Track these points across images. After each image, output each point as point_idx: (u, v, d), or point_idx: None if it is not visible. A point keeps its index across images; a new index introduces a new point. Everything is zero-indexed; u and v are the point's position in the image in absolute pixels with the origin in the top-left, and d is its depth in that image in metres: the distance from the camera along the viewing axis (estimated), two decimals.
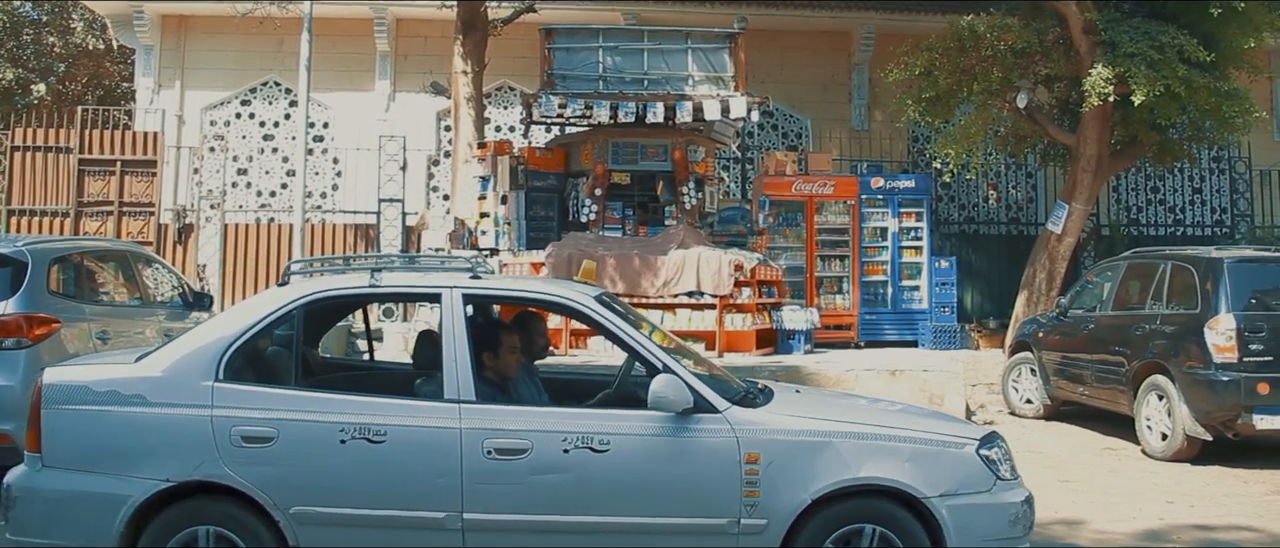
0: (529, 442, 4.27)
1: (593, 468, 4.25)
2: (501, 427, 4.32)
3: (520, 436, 4.28)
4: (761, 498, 4.24)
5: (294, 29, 14.74)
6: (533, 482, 4.26)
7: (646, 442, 4.29)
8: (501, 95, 17.83)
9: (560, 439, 4.26)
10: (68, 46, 22.45)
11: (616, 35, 13.35)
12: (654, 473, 4.27)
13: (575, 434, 4.27)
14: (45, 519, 4.30)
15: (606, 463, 4.25)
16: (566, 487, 4.24)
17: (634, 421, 4.35)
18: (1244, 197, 17.76)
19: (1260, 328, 8.06)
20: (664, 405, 4.26)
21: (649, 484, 4.26)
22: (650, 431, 4.30)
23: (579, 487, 4.25)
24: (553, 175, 13.71)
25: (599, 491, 4.25)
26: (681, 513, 4.27)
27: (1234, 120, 12.22)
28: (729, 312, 11.75)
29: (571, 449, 4.25)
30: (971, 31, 12.65)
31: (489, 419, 4.34)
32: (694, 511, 4.27)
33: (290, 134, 17.26)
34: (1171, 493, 7.34)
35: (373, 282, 4.77)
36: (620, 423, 4.34)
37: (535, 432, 4.30)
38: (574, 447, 4.25)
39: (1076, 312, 10.44)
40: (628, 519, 4.25)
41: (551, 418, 4.44)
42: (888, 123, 17.63)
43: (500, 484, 4.26)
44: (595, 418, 4.41)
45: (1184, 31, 11.47)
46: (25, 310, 6.50)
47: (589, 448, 4.25)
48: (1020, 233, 17.37)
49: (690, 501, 4.27)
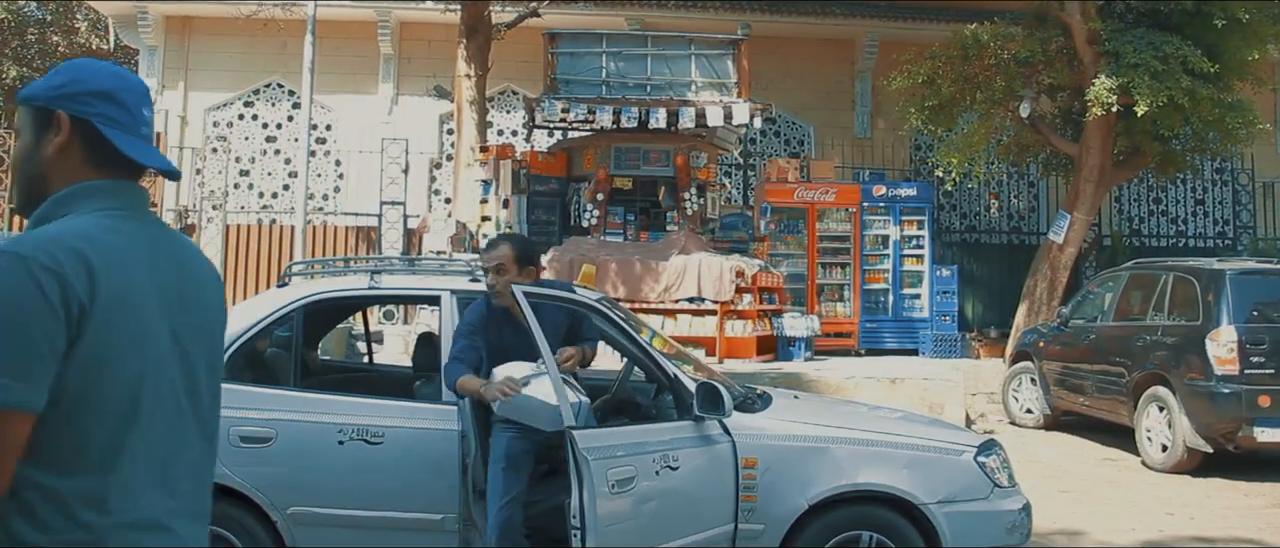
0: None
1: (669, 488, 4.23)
2: None
3: None
4: (759, 503, 4.23)
5: (297, 31, 14.77)
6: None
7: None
8: (504, 99, 17.85)
9: None
10: (72, 46, 22.48)
11: (620, 40, 13.36)
12: (651, 477, 4.26)
13: None
14: None
15: (679, 481, 4.23)
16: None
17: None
18: (1246, 208, 17.74)
19: (1262, 340, 8.05)
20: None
21: (646, 488, 4.24)
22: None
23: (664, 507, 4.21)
24: (555, 180, 13.71)
25: (679, 509, 4.22)
26: (679, 518, 4.25)
27: (1237, 132, 12.22)
28: (730, 318, 11.74)
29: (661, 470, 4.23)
30: (975, 40, 12.65)
31: None
32: (691, 515, 4.25)
33: (293, 136, 17.28)
34: (1172, 505, 7.32)
35: (373, 284, 4.77)
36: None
37: None
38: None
39: (1077, 322, 10.43)
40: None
41: None
42: (890, 131, 17.64)
43: None
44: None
45: (1188, 42, 11.47)
46: None
47: (668, 467, 4.23)
48: (1022, 242, 17.36)
49: (688, 506, 4.26)
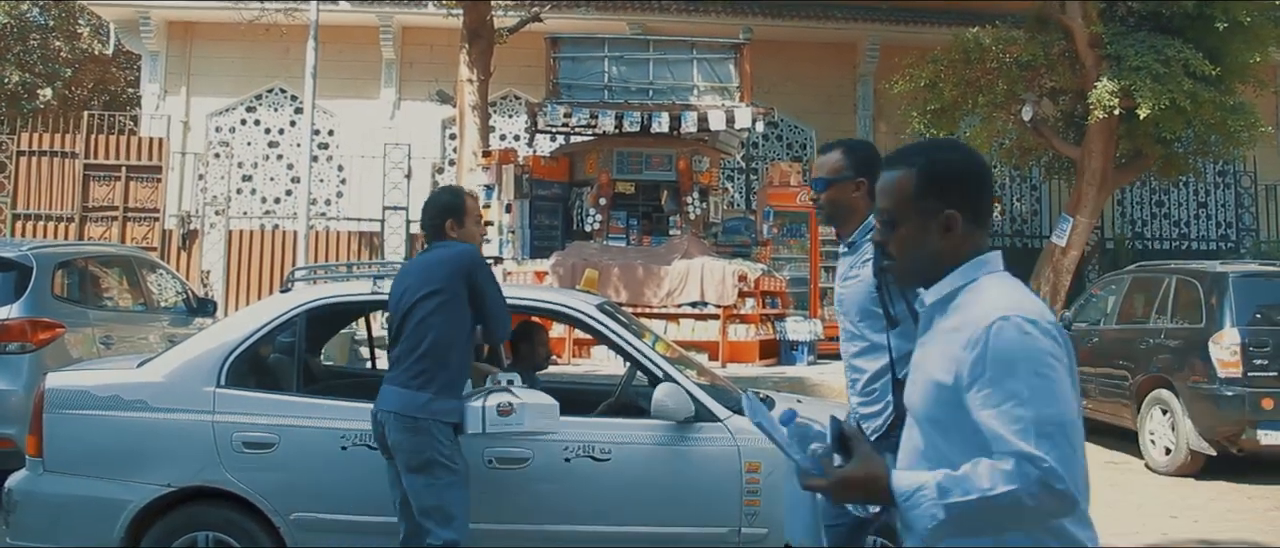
0: (530, 451, 4.26)
1: (594, 477, 4.24)
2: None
3: (521, 444, 4.28)
4: (762, 507, 4.23)
5: (300, 36, 14.80)
6: (534, 490, 4.25)
7: (647, 451, 4.28)
8: (507, 104, 17.87)
9: (561, 448, 4.25)
10: (74, 51, 22.55)
11: (622, 45, 13.38)
12: (655, 482, 4.27)
13: (577, 443, 4.26)
14: (46, 524, 4.29)
15: (608, 472, 4.24)
16: (568, 496, 4.24)
17: (635, 430, 4.34)
18: (1249, 211, 17.74)
19: (1265, 343, 8.03)
20: (665, 414, 4.25)
21: (650, 493, 4.26)
22: (652, 439, 4.29)
23: (580, 496, 4.24)
24: (557, 184, 13.72)
25: (600, 499, 4.24)
26: (682, 522, 4.26)
27: (1239, 135, 12.22)
28: (732, 322, 11.74)
29: (573, 458, 4.24)
30: (977, 44, 12.66)
31: None
32: (695, 519, 4.26)
33: (295, 141, 17.30)
34: (1175, 508, 7.31)
35: (375, 289, 4.77)
36: (621, 432, 4.34)
37: (536, 440, 4.29)
38: (575, 456, 4.24)
39: (1080, 325, 10.41)
40: (628, 528, 4.24)
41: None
42: (893, 134, 17.62)
43: (501, 493, 4.25)
44: (597, 427, 4.40)
45: (1189, 46, 11.47)
46: (29, 315, 6.50)
47: (590, 457, 4.24)
48: (1024, 246, 17.35)
49: (691, 509, 4.26)
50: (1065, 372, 1.77)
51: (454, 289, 3.94)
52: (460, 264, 3.99)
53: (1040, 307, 1.84)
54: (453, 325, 3.93)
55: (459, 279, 3.96)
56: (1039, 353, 1.75)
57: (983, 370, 1.76)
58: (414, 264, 4.18)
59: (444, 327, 3.91)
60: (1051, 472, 1.69)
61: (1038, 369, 1.74)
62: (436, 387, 3.89)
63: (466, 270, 3.98)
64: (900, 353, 3.19)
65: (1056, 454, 1.70)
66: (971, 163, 1.97)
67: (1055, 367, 1.76)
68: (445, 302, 3.92)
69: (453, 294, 3.93)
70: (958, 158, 1.98)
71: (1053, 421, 1.72)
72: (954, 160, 1.97)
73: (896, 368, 3.18)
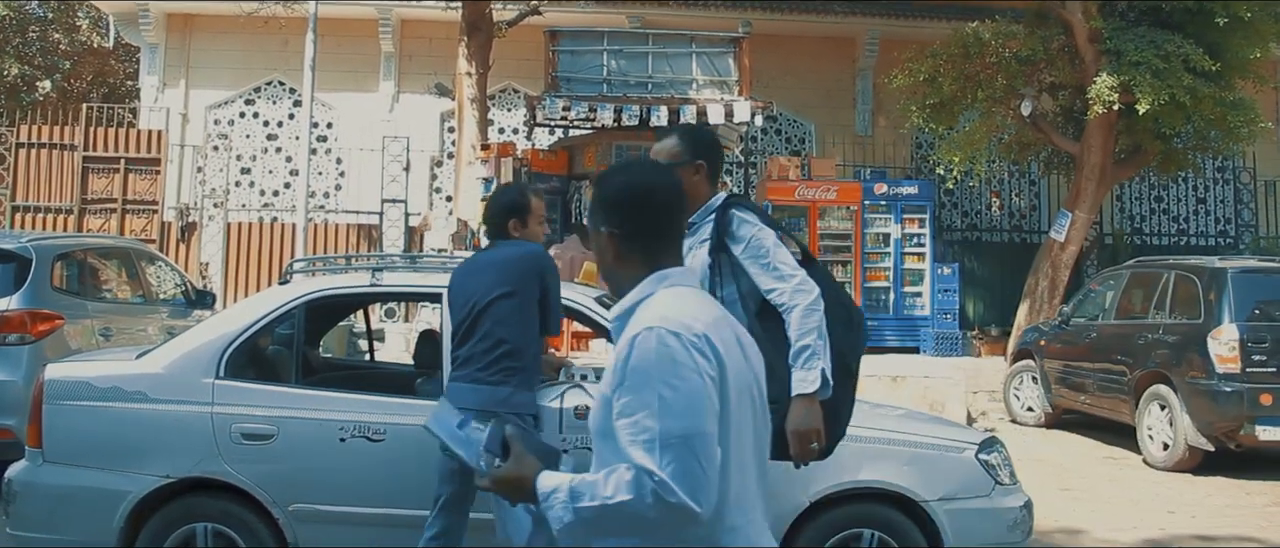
0: None
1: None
2: None
3: None
4: None
5: (299, 29, 14.77)
6: None
7: None
8: (505, 97, 17.85)
9: (559, 440, 4.25)
10: (73, 44, 22.53)
11: (621, 38, 13.35)
12: None
13: (574, 435, 4.27)
14: (46, 514, 4.30)
15: None
16: None
17: None
18: (1248, 207, 17.74)
19: (1263, 339, 8.04)
20: None
21: None
22: None
23: None
24: (556, 178, 13.70)
25: None
26: None
27: (1239, 130, 12.20)
28: None
29: (570, 450, 4.25)
30: (976, 38, 12.64)
31: None
32: None
33: (294, 134, 17.28)
34: (1173, 503, 7.33)
35: (374, 281, 4.78)
36: None
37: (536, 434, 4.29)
38: (573, 447, 4.25)
39: (1079, 320, 10.43)
40: None
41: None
42: (891, 129, 17.63)
43: None
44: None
45: (1189, 41, 11.46)
46: (29, 306, 6.51)
47: (588, 449, 4.24)
48: (1023, 241, 17.35)
49: None
50: (706, 384, 1.79)
51: (529, 289, 4.00)
52: (535, 266, 4.04)
53: (696, 319, 1.85)
54: (528, 324, 3.99)
55: (534, 280, 4.01)
56: (675, 365, 1.77)
57: (622, 380, 1.80)
58: (482, 262, 4.15)
59: (521, 325, 3.97)
60: (664, 485, 1.72)
61: (670, 381, 1.77)
62: (515, 382, 3.94)
63: (540, 272, 4.04)
64: None
65: (675, 468, 1.73)
66: (629, 187, 2.02)
67: (691, 379, 1.78)
68: (522, 302, 3.97)
69: (528, 294, 3.99)
70: (619, 182, 2.04)
71: (677, 433, 1.74)
72: (616, 184, 2.04)
73: None
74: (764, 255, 3.23)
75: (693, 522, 1.76)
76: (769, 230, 3.28)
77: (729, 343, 1.90)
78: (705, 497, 1.75)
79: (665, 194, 2.03)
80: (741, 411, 1.91)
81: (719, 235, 3.30)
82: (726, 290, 3.27)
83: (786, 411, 3.17)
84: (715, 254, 3.29)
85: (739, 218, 3.29)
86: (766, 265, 3.23)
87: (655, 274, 1.98)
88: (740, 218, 3.29)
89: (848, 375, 3.30)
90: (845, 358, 3.28)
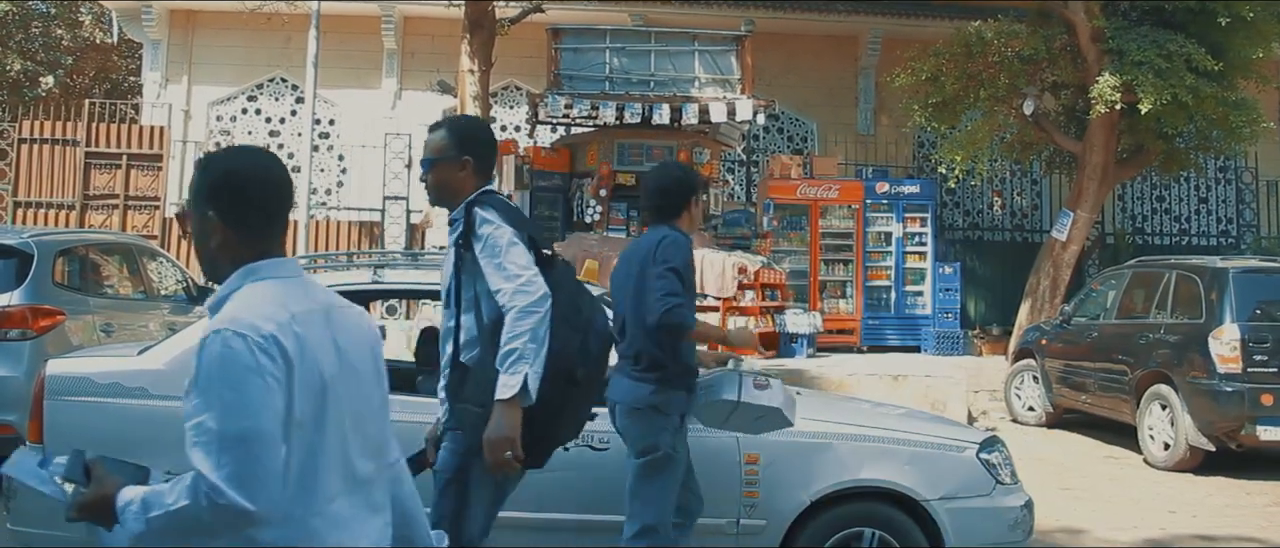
0: None
1: (592, 466, 4.25)
2: None
3: None
4: (761, 499, 4.24)
5: (301, 26, 14.78)
6: (532, 479, 4.25)
7: None
8: (508, 95, 17.85)
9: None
10: (76, 39, 22.52)
11: (624, 36, 13.35)
12: None
13: None
14: (46, 510, 4.28)
15: (606, 461, 4.25)
16: (566, 484, 4.24)
17: None
18: (1250, 207, 17.73)
19: (1265, 339, 8.04)
20: None
21: None
22: None
23: (578, 484, 4.25)
24: (558, 175, 13.71)
25: (599, 489, 4.25)
26: None
27: (1241, 130, 12.19)
28: (732, 314, 11.74)
29: (571, 447, 4.25)
30: (979, 37, 12.63)
31: None
32: None
33: (296, 130, 17.28)
34: (1174, 503, 7.32)
35: (375, 278, 4.77)
36: None
37: None
38: (574, 445, 4.25)
39: (1080, 320, 10.43)
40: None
41: None
42: (894, 128, 17.62)
43: (500, 480, 4.24)
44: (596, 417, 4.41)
45: (1192, 40, 11.45)
46: (30, 302, 6.52)
47: (589, 446, 4.25)
48: (1025, 240, 17.35)
49: None
50: (268, 385, 1.78)
51: (690, 282, 3.89)
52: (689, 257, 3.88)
53: (268, 319, 1.83)
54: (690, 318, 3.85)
55: (690, 272, 3.90)
56: (237, 369, 1.77)
57: (195, 383, 1.79)
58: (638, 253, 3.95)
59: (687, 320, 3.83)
60: (215, 488, 1.72)
61: (232, 384, 1.76)
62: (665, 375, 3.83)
63: (691, 264, 3.90)
64: (468, 336, 3.26)
65: (229, 470, 1.73)
66: (231, 173, 2.00)
67: (254, 381, 1.77)
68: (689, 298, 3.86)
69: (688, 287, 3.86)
70: (223, 167, 2.02)
71: (233, 435, 1.74)
72: (219, 168, 2.02)
73: (461, 351, 3.24)
74: (496, 254, 3.14)
75: (252, 522, 1.75)
76: (507, 228, 3.17)
77: (315, 339, 1.89)
78: (263, 497, 1.74)
79: (265, 184, 2.01)
80: (335, 405, 1.90)
81: (466, 233, 3.22)
82: (468, 291, 3.21)
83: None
84: (461, 252, 3.22)
85: (480, 216, 3.20)
86: (497, 265, 3.13)
87: (245, 268, 1.96)
88: (481, 216, 3.19)
89: (571, 383, 3.19)
90: (568, 364, 3.17)
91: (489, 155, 3.41)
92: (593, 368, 3.29)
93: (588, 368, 3.25)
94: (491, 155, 3.44)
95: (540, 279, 3.12)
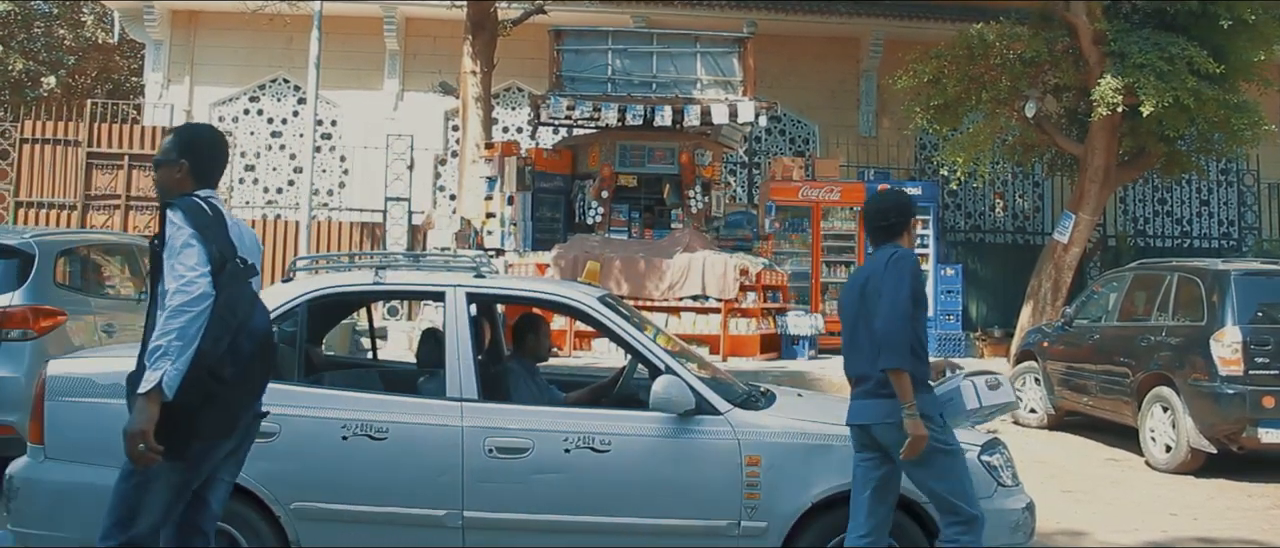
0: (530, 441, 4.27)
1: (594, 468, 4.25)
2: (503, 426, 4.32)
3: (522, 435, 4.29)
4: (762, 501, 4.23)
5: (304, 27, 14.79)
6: (534, 481, 4.26)
7: (648, 443, 4.29)
8: (510, 96, 17.86)
9: (561, 439, 4.26)
10: (78, 40, 22.53)
11: (625, 38, 13.36)
12: (655, 474, 4.27)
13: (576, 434, 4.27)
14: (47, 511, 4.30)
15: (608, 463, 4.25)
16: (568, 486, 4.24)
17: (635, 421, 4.35)
18: (1252, 209, 17.73)
19: (1266, 341, 8.02)
20: (665, 406, 4.25)
21: (650, 485, 4.26)
22: (652, 431, 4.30)
23: (580, 486, 4.25)
24: (559, 177, 13.72)
25: (600, 491, 4.25)
26: (682, 514, 4.26)
27: (1243, 133, 12.18)
28: (733, 316, 11.75)
29: (573, 449, 4.25)
30: (981, 40, 12.62)
31: (491, 418, 4.35)
32: (694, 512, 4.26)
33: (298, 131, 17.30)
34: (1175, 505, 7.31)
35: (377, 279, 4.77)
36: (622, 424, 4.34)
37: (537, 431, 4.30)
38: (575, 447, 4.25)
39: (1081, 322, 10.41)
40: (628, 520, 4.25)
41: (553, 418, 4.45)
42: (895, 130, 17.62)
43: (501, 483, 4.25)
44: (597, 418, 4.41)
45: (1194, 43, 11.44)
46: (31, 302, 6.51)
47: (590, 448, 4.25)
48: (1026, 242, 17.35)
49: (691, 502, 4.26)
50: None
51: (923, 298, 4.08)
52: (918, 274, 4.12)
53: None
54: (923, 330, 4.09)
55: (922, 287, 4.12)
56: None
57: None
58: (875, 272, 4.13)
59: (920, 332, 4.06)
60: None
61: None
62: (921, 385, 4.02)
63: (919, 273, 4.14)
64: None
65: None
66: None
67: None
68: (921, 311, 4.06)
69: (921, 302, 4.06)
70: None
71: None
72: None
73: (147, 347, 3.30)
74: (171, 254, 3.25)
75: None
76: (186, 230, 3.26)
77: None
78: None
79: None
80: None
81: (162, 234, 3.33)
82: (162, 288, 3.30)
83: None
84: (157, 250, 3.33)
85: (169, 217, 3.30)
86: (170, 265, 3.23)
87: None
88: (170, 217, 3.30)
89: (217, 380, 3.26)
90: (214, 362, 3.24)
91: (207, 159, 3.53)
92: (242, 367, 3.35)
93: (236, 367, 3.32)
94: (211, 160, 3.55)
95: (204, 281, 3.21)
